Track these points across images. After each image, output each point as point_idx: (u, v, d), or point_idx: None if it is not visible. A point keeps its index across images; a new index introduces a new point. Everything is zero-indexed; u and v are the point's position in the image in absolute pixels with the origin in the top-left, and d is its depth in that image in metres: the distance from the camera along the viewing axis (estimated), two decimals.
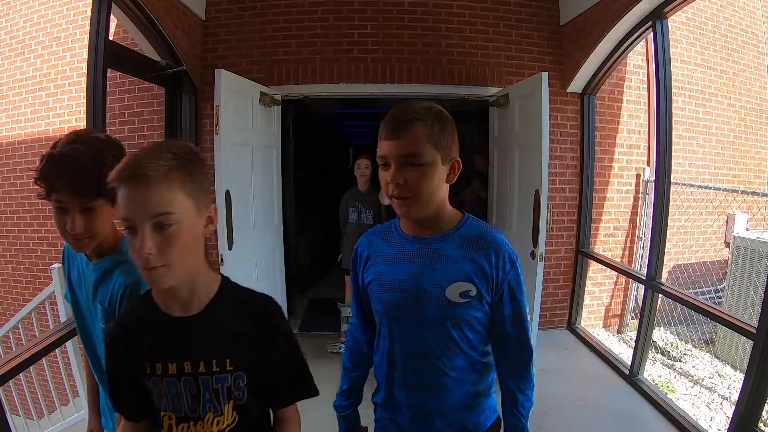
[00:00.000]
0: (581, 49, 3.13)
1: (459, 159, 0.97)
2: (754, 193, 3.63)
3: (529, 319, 1.03)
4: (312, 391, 0.93)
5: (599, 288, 3.77)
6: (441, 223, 0.99)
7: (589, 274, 3.61)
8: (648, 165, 3.72)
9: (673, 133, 2.54)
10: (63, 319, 2.31)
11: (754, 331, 1.87)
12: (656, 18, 2.52)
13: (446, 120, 0.95)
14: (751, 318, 2.94)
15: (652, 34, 2.59)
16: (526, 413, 1.02)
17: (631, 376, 2.74)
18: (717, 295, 3.99)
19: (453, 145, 0.95)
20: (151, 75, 2.82)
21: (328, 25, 3.28)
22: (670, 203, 2.59)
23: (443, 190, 0.97)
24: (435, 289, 0.95)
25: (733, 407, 2.07)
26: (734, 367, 3.37)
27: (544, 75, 2.57)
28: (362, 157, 3.48)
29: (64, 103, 3.54)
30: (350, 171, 3.84)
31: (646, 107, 3.71)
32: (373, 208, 3.41)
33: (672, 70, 2.55)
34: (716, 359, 3.52)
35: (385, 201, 2.35)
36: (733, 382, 3.18)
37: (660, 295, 2.66)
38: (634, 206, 3.77)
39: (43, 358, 1.94)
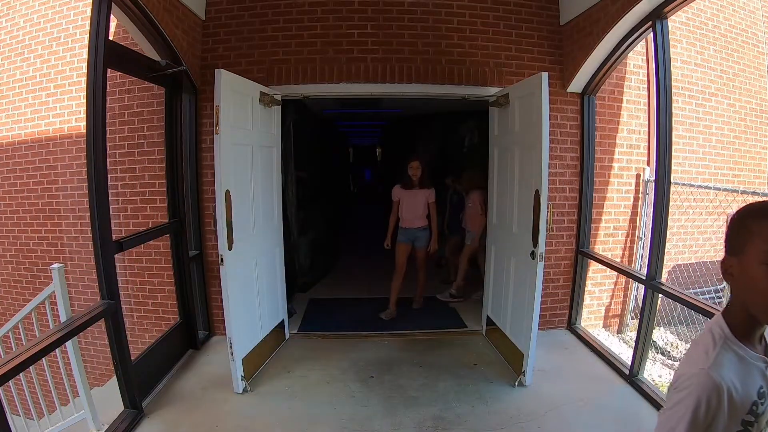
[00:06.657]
0: (581, 49, 3.13)
1: None
2: (754, 193, 3.60)
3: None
4: None
5: (599, 288, 3.77)
6: None
7: (589, 274, 3.61)
8: (648, 165, 3.72)
9: (673, 133, 2.54)
10: (63, 319, 2.31)
11: None
12: (656, 18, 2.52)
13: None
14: None
15: (652, 34, 2.59)
16: None
17: (631, 376, 2.74)
18: (717, 295, 3.98)
19: None
20: (151, 75, 2.82)
21: (328, 25, 3.28)
22: (670, 203, 2.59)
23: None
24: None
25: None
26: None
27: (544, 75, 2.57)
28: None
29: (64, 103, 3.54)
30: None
31: (646, 107, 3.70)
32: None
33: (672, 70, 2.55)
34: None
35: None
36: None
37: (660, 295, 2.66)
38: (634, 206, 3.78)
39: (43, 358, 1.93)
